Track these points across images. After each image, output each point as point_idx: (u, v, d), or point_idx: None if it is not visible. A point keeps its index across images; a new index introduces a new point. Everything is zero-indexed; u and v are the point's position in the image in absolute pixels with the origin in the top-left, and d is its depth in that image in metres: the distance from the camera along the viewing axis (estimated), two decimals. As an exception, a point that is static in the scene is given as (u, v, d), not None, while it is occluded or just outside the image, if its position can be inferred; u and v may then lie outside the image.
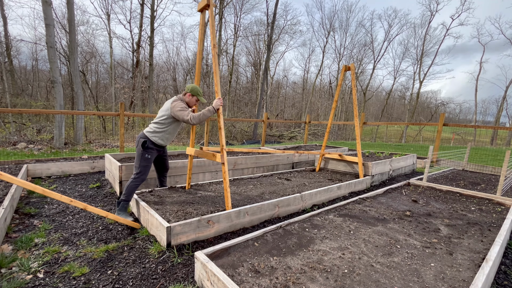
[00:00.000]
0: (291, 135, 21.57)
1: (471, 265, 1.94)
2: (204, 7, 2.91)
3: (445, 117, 7.02)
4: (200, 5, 2.95)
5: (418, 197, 3.68)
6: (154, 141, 3.01)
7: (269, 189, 3.75)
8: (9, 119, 12.78)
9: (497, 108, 28.16)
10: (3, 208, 2.45)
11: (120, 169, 3.61)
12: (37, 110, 5.46)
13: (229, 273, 1.69)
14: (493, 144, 23.59)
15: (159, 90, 24.84)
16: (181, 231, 2.31)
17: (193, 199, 3.11)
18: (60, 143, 8.93)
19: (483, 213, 3.12)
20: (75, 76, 10.02)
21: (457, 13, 27.38)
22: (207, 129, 7.22)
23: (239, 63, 26.01)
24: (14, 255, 2.08)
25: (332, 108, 5.03)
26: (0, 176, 1.97)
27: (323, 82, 33.27)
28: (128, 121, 18.15)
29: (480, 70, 29.24)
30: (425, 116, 33.63)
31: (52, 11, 8.75)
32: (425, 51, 29.32)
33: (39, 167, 4.43)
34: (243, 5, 23.53)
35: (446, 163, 6.60)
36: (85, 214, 3.00)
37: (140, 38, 19.12)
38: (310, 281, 1.66)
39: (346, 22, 37.01)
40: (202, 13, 3.09)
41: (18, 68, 19.74)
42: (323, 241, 2.23)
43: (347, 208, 3.09)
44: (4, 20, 15.22)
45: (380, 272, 1.80)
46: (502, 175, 3.67)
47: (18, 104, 15.43)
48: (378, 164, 4.92)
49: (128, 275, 1.92)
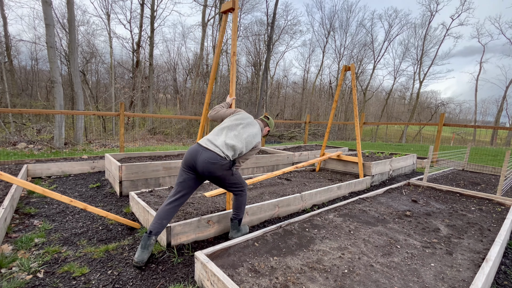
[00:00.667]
0: (291, 135, 21.57)
1: (471, 265, 1.94)
2: (228, 9, 2.78)
3: (445, 117, 7.02)
4: (225, 6, 2.80)
5: (418, 197, 3.68)
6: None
7: (269, 189, 3.74)
8: (9, 119, 12.78)
9: (497, 108, 28.19)
10: (3, 208, 2.45)
11: (120, 169, 3.61)
12: (37, 110, 5.46)
13: (229, 273, 1.70)
14: (493, 144, 23.58)
15: (159, 90, 24.84)
16: (181, 231, 2.31)
17: (193, 199, 3.11)
18: (60, 143, 8.93)
19: (483, 213, 3.12)
20: (75, 76, 10.02)
21: (457, 13, 27.40)
22: (207, 129, 7.22)
23: (239, 63, 25.98)
24: (14, 255, 2.08)
25: (332, 108, 5.03)
26: (0, 176, 1.97)
27: (323, 82, 33.28)
28: (128, 121, 18.14)
29: (480, 70, 29.26)
30: (425, 116, 33.62)
31: (52, 11, 8.75)
32: (425, 51, 29.34)
33: (39, 167, 4.43)
34: (243, 5, 23.52)
35: (446, 163, 6.60)
36: (85, 214, 3.00)
37: (140, 38, 19.12)
38: (310, 281, 1.66)
39: (346, 22, 36.92)
40: (225, 15, 2.92)
41: (18, 68, 19.74)
42: (323, 241, 2.23)
43: (347, 208, 3.09)
44: (4, 20, 15.22)
45: (380, 272, 1.80)
46: (502, 175, 3.67)
47: (18, 104, 15.44)
48: (378, 164, 4.92)
49: (128, 275, 1.92)
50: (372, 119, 33.46)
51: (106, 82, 22.51)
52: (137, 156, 5.00)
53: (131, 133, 15.87)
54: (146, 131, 16.70)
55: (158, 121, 18.15)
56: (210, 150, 2.11)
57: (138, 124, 18.61)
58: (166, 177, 4.10)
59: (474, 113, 30.67)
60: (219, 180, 2.22)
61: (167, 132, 17.27)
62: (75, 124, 12.05)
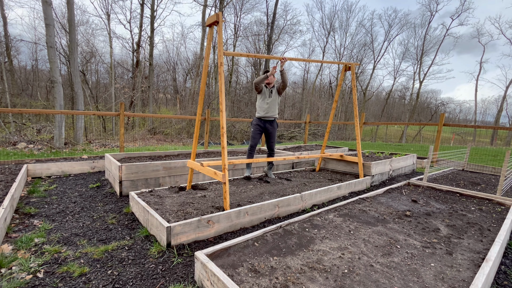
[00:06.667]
0: (291, 135, 21.57)
1: (471, 265, 1.94)
2: (213, 22, 2.83)
3: (445, 117, 7.02)
4: (210, 20, 2.86)
5: (418, 197, 3.68)
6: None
7: (269, 189, 3.74)
8: (9, 119, 12.77)
9: (497, 108, 28.19)
10: (3, 208, 2.45)
11: (120, 169, 3.61)
12: (37, 110, 5.46)
13: (229, 273, 1.70)
14: (493, 144, 23.58)
15: (159, 90, 24.83)
16: (181, 231, 2.31)
17: (193, 199, 3.11)
18: (60, 143, 8.93)
19: (483, 213, 3.12)
20: (75, 76, 10.01)
21: (457, 13, 27.44)
22: (207, 129, 7.22)
23: (239, 63, 25.96)
24: (14, 255, 2.08)
25: (332, 108, 5.03)
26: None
27: (323, 82, 33.27)
28: (128, 121, 18.14)
29: (480, 70, 29.27)
30: (425, 116, 33.62)
31: (52, 11, 8.75)
32: (425, 51, 29.34)
33: (39, 167, 4.43)
34: (243, 5, 23.53)
35: (446, 163, 6.60)
36: (85, 214, 3.00)
37: (140, 38, 19.12)
38: (310, 281, 1.66)
39: (346, 22, 36.95)
40: (210, 28, 2.99)
41: (18, 68, 19.75)
42: (323, 241, 2.23)
43: (347, 208, 3.09)
44: (4, 20, 15.22)
45: (380, 272, 1.80)
46: (502, 175, 3.67)
47: (18, 104, 15.43)
48: (378, 164, 4.92)
49: (128, 275, 1.92)
50: (372, 119, 33.46)
51: (106, 82, 22.52)
52: (137, 156, 5.00)
53: (131, 133, 15.87)
54: (146, 131, 16.69)
55: (158, 121, 18.15)
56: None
57: (138, 124, 18.61)
58: (166, 177, 4.10)
59: (474, 113, 30.69)
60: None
61: (167, 132, 17.27)
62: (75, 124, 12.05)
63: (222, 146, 2.81)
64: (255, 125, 4.27)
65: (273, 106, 4.22)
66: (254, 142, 4.25)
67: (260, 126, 4.26)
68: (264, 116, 4.22)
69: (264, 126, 4.27)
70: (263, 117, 4.23)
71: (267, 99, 4.19)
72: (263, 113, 4.20)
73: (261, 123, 4.25)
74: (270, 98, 4.19)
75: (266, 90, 4.23)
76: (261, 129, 4.29)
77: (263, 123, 4.26)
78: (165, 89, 26.62)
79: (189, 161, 3.44)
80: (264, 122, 4.26)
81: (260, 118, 4.25)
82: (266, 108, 4.19)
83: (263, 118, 4.24)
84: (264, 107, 4.20)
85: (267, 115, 4.21)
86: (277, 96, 4.26)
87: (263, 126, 4.27)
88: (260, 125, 4.25)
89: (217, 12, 2.77)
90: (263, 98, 4.21)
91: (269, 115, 4.21)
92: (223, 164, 2.78)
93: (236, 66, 24.29)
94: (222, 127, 2.80)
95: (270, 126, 4.29)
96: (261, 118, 4.24)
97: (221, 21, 2.79)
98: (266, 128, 4.30)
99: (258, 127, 4.25)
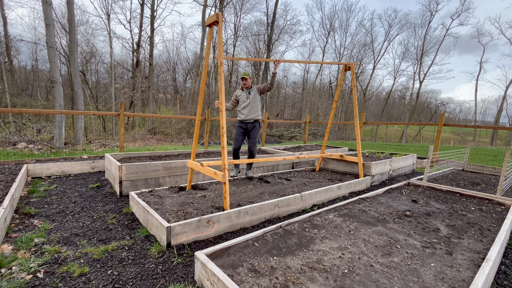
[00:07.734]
0: (291, 135, 21.57)
1: (471, 265, 1.94)
2: (213, 22, 2.83)
3: (445, 117, 7.02)
4: (210, 20, 2.86)
5: (418, 197, 3.68)
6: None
7: (269, 189, 3.74)
8: (9, 119, 12.77)
9: (497, 108, 28.20)
10: (3, 208, 2.45)
11: (120, 169, 3.61)
12: (37, 110, 5.46)
13: (229, 273, 1.70)
14: (493, 144, 23.58)
15: (159, 90, 24.84)
16: (181, 231, 2.31)
17: (193, 199, 3.11)
18: (60, 143, 8.93)
19: (483, 213, 3.12)
20: (75, 76, 10.01)
21: (457, 13, 27.43)
22: (207, 129, 7.22)
23: (239, 63, 25.97)
24: (14, 255, 2.08)
25: (332, 108, 5.03)
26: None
27: (323, 82, 33.29)
28: (128, 121, 18.13)
29: (480, 70, 29.27)
30: (425, 116, 33.62)
31: (52, 11, 8.75)
32: (425, 51, 29.34)
33: (39, 167, 4.43)
34: (243, 5, 23.53)
35: (446, 163, 6.60)
36: (85, 214, 3.00)
37: (140, 38, 19.12)
38: (310, 281, 1.66)
39: (346, 22, 36.98)
40: (210, 28, 3.00)
41: (18, 68, 19.75)
42: (323, 241, 2.23)
43: (347, 208, 3.09)
44: (4, 20, 15.22)
45: (380, 272, 1.80)
46: (502, 175, 3.68)
47: (18, 104, 15.43)
48: (378, 164, 4.92)
49: (128, 275, 1.92)
50: (372, 119, 33.46)
51: (106, 82, 22.52)
52: (137, 156, 5.00)
53: (131, 133, 15.87)
54: (146, 131, 16.69)
55: (158, 121, 18.15)
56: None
57: (138, 124, 18.60)
58: (166, 177, 4.10)
59: (474, 113, 30.69)
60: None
61: (167, 132, 17.27)
62: (75, 124, 12.04)
63: (222, 146, 2.81)
64: (237, 127, 4.26)
65: (254, 108, 4.15)
66: (237, 145, 4.24)
67: (242, 127, 4.24)
68: (245, 119, 4.18)
69: (245, 127, 4.25)
70: (244, 120, 4.20)
71: (245, 102, 4.15)
72: (243, 117, 4.18)
73: (243, 125, 4.24)
74: (248, 100, 4.13)
75: (243, 93, 4.18)
76: (243, 131, 4.26)
77: (245, 125, 4.25)
78: (165, 89, 26.63)
79: (189, 161, 3.44)
80: (246, 124, 4.24)
81: (242, 121, 4.23)
82: (246, 112, 4.16)
83: (245, 121, 4.21)
84: (243, 111, 4.18)
85: (247, 118, 4.16)
86: (258, 97, 4.19)
87: (245, 127, 4.25)
88: (242, 126, 4.24)
89: (217, 12, 2.78)
90: (242, 102, 4.19)
91: (249, 117, 4.16)
92: (223, 164, 2.79)
93: (236, 66, 24.30)
94: (222, 127, 2.81)
95: (252, 127, 4.23)
96: (242, 121, 4.22)
97: (221, 21, 2.79)
98: (248, 129, 4.26)
99: (240, 128, 4.24)
